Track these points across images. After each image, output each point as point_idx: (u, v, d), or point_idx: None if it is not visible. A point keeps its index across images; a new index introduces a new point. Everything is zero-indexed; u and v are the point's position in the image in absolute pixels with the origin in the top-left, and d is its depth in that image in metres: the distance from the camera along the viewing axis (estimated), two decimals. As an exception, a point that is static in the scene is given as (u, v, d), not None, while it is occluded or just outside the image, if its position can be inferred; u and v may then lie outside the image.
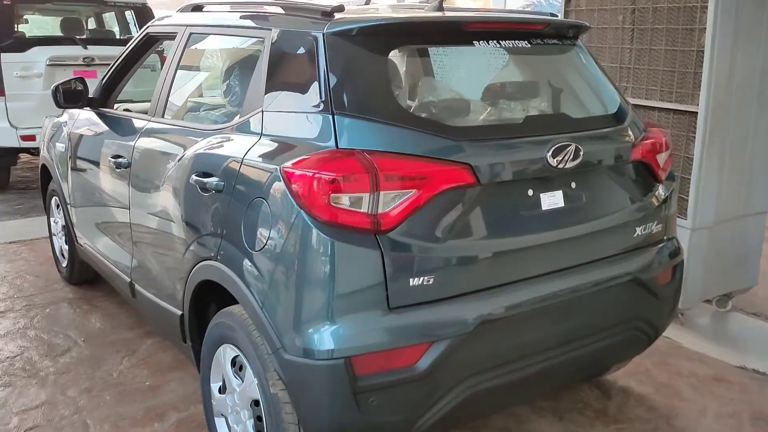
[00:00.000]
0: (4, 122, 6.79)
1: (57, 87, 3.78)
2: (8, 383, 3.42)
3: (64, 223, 4.49)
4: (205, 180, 2.53)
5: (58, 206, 4.58)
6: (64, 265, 4.69)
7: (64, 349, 3.80)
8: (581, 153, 2.44)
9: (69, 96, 3.81)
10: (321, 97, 2.24)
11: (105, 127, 3.73)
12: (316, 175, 2.08)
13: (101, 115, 3.86)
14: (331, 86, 2.23)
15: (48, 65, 6.89)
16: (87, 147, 3.90)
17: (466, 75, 2.67)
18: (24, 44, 6.90)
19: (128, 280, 3.46)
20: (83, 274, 4.56)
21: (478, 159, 2.24)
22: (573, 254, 2.52)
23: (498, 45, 2.53)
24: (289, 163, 2.18)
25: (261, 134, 2.43)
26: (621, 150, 2.65)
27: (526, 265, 2.40)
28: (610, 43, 4.19)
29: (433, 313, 2.18)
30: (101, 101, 3.93)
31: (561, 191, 2.49)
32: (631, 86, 4.08)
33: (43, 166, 4.71)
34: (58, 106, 3.82)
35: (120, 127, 3.59)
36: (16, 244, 5.60)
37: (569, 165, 2.42)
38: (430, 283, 2.17)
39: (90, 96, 3.93)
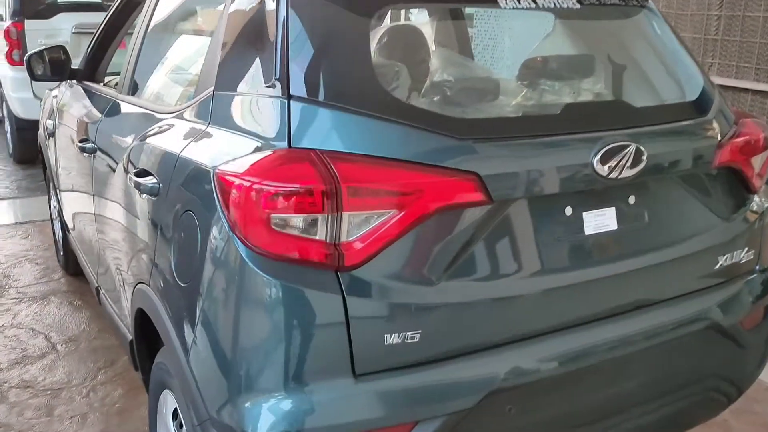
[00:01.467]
0: (28, 93, 6.44)
1: (30, 56, 3.29)
2: (-36, 397, 3.01)
3: (58, 208, 4.07)
4: (141, 180, 1.97)
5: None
6: (61, 253, 4.28)
7: (38, 355, 3.37)
8: (644, 156, 1.75)
9: (46, 67, 3.31)
10: (275, 74, 1.62)
11: (81, 105, 3.22)
12: (254, 186, 1.48)
13: (84, 91, 3.36)
14: (289, 58, 1.61)
15: (74, 33, 6.50)
16: (64, 127, 3.41)
17: (481, 47, 2.01)
18: (49, 11, 6.54)
19: (96, 284, 2.98)
20: (77, 265, 4.14)
21: (490, 166, 1.59)
22: (627, 294, 1.85)
23: (532, 4, 1.85)
24: (223, 166, 1.58)
25: (209, 122, 1.84)
26: (702, 151, 1.93)
27: (559, 312, 1.74)
28: (693, 9, 3.43)
29: (419, 381, 1.56)
30: (86, 74, 3.43)
31: (614, 208, 1.81)
32: (718, 63, 3.32)
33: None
34: (33, 78, 3.33)
35: (92, 105, 3.07)
36: (27, 225, 5.26)
37: (626, 174, 1.73)
38: (415, 340, 1.54)
39: (75, 68, 3.43)
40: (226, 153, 1.65)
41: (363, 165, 1.50)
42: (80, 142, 2.87)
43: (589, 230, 1.77)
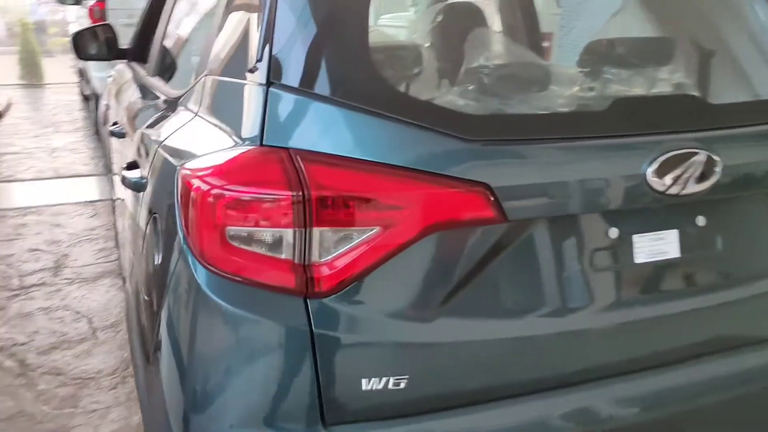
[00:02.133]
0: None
1: (76, 35, 3.19)
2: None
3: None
4: (127, 174, 1.76)
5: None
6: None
7: (76, 340, 3.30)
8: (717, 167, 1.36)
9: (93, 46, 3.20)
10: (258, 56, 1.36)
11: (121, 86, 3.09)
12: (211, 191, 1.22)
13: (130, 71, 3.24)
14: (273, 39, 1.34)
15: (155, 12, 6.52)
16: (111, 107, 3.30)
17: (506, 22, 1.65)
18: (131, -12, 6.57)
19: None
20: (131, 249, 4.08)
21: (504, 175, 1.26)
22: (690, 339, 1.47)
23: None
24: (188, 164, 1.34)
25: (197, 111, 1.61)
26: None
27: (595, 357, 1.40)
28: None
29: None
30: (135, 53, 3.30)
31: (676, 231, 1.43)
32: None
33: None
34: (78, 57, 3.23)
35: (129, 86, 2.93)
36: (97, 204, 5.30)
37: (691, 189, 1.35)
38: (400, 386, 1.25)
39: (124, 47, 3.31)
40: (197, 148, 1.41)
41: (341, 170, 1.21)
42: (112, 125, 2.73)
43: (640, 258, 1.40)
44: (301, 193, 1.18)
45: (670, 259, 1.43)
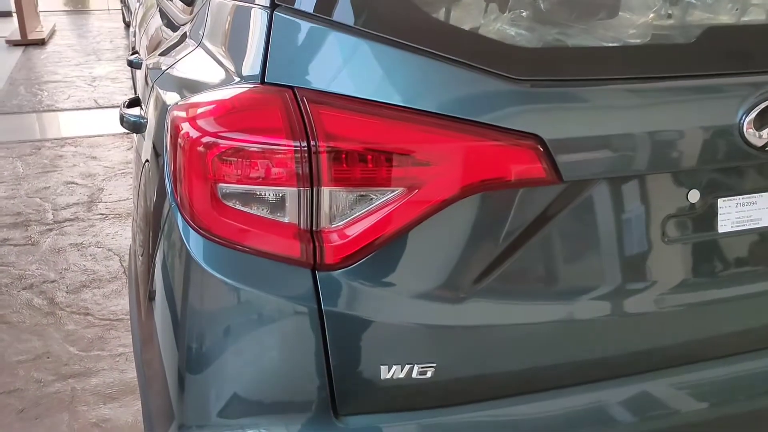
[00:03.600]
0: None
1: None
2: None
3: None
4: (125, 111, 1.56)
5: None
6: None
7: (107, 279, 3.22)
8: (834, 118, 1.09)
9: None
10: (262, -26, 1.11)
11: (150, 10, 2.87)
12: (202, 138, 1.01)
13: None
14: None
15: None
16: (135, 34, 3.10)
17: None
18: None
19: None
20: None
21: (561, 125, 1.02)
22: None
23: None
24: (180, 105, 1.12)
25: (201, 39, 1.38)
26: None
27: (666, 344, 1.17)
28: None
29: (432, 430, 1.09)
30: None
31: (769, 194, 1.17)
32: None
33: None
34: None
35: (154, 9, 2.70)
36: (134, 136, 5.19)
37: (798, 144, 1.09)
38: (427, 376, 1.05)
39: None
40: (193, 85, 1.19)
41: (358, 116, 0.98)
42: (131, 54, 2.53)
43: (726, 226, 1.15)
44: (306, 144, 0.97)
45: (763, 227, 1.18)
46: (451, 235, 1.03)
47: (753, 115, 1.05)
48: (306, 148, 0.97)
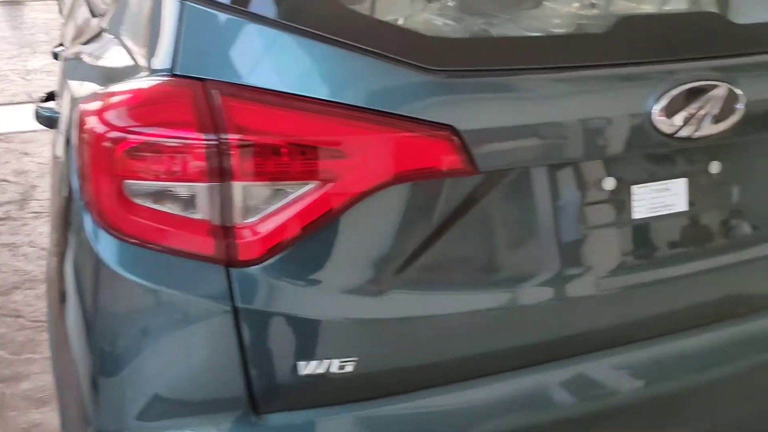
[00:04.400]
0: None
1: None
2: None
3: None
4: (41, 106, 1.50)
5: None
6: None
7: (40, 279, 3.12)
8: (739, 104, 1.12)
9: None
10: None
11: None
12: (108, 133, 0.98)
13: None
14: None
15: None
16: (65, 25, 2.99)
17: None
18: None
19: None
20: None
21: (475, 115, 1.02)
22: (698, 304, 1.26)
23: None
24: (88, 99, 1.08)
25: (115, 32, 1.33)
26: None
27: (584, 327, 1.18)
28: None
29: (358, 425, 1.08)
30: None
31: (684, 180, 1.20)
32: None
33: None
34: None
35: None
36: (71, 130, 5.03)
37: (707, 131, 1.11)
38: (347, 370, 1.04)
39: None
40: (103, 78, 1.15)
41: (269, 108, 0.96)
42: (56, 47, 2.44)
43: (640, 212, 1.17)
44: (216, 138, 0.94)
45: (677, 213, 1.20)
46: (369, 228, 1.02)
47: (663, 102, 1.07)
48: (216, 142, 0.95)
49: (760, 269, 1.29)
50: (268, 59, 1.01)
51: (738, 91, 1.11)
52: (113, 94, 1.02)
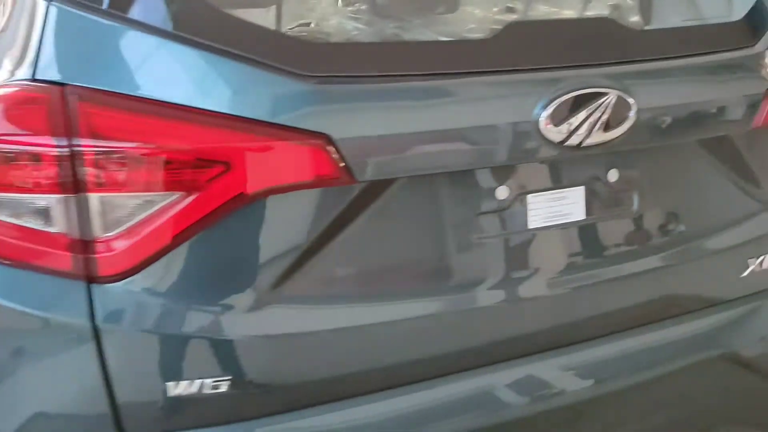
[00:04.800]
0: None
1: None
2: None
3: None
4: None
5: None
6: None
7: None
8: (631, 112, 1.09)
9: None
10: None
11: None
12: None
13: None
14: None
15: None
16: None
17: None
18: None
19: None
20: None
21: (350, 123, 0.98)
22: (600, 315, 1.23)
23: None
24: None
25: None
26: (738, 102, 1.24)
27: (479, 342, 1.14)
28: None
29: None
30: None
31: (581, 189, 1.17)
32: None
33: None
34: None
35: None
36: None
37: (596, 138, 1.08)
38: (220, 390, 0.98)
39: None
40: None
41: (130, 114, 0.91)
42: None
43: (536, 221, 1.14)
44: (71, 146, 0.89)
45: (574, 222, 1.17)
46: (243, 241, 0.98)
47: (550, 110, 1.03)
48: (71, 150, 0.89)
49: (661, 277, 1.27)
50: (137, 64, 0.96)
51: (629, 99, 1.08)
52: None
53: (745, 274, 1.35)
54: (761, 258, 1.36)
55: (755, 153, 1.30)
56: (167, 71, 0.94)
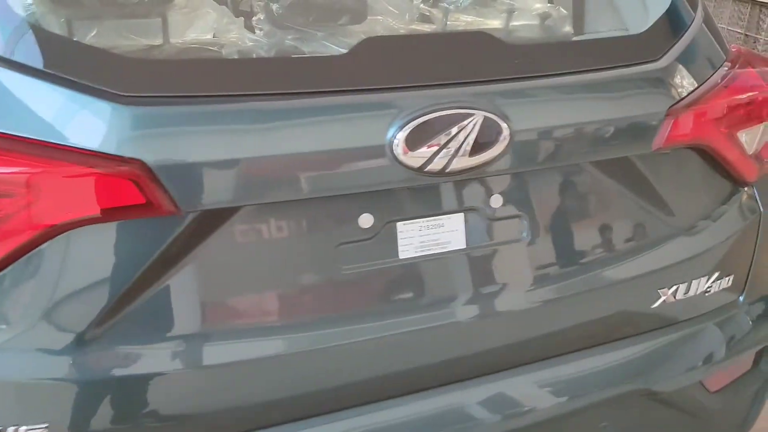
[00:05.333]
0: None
1: None
2: None
3: None
4: None
5: None
6: None
7: None
8: (504, 134, 1.00)
9: None
10: None
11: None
12: None
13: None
14: None
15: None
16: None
17: None
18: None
19: None
20: None
21: (170, 149, 0.89)
22: (485, 351, 1.14)
23: None
24: None
25: None
26: (634, 121, 1.13)
27: (347, 380, 1.06)
28: None
29: None
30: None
31: (461, 215, 1.08)
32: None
33: None
34: None
35: None
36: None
37: (462, 164, 0.98)
38: (39, 437, 0.92)
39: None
40: None
41: None
42: None
43: (407, 252, 1.05)
44: None
45: (454, 251, 1.08)
46: (54, 276, 0.89)
47: (404, 133, 0.95)
48: None
49: (557, 310, 1.17)
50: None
51: (500, 120, 0.99)
52: None
53: (656, 305, 1.26)
54: (674, 288, 1.27)
55: (661, 176, 1.20)
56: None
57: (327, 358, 1.03)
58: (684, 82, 1.18)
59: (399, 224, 1.05)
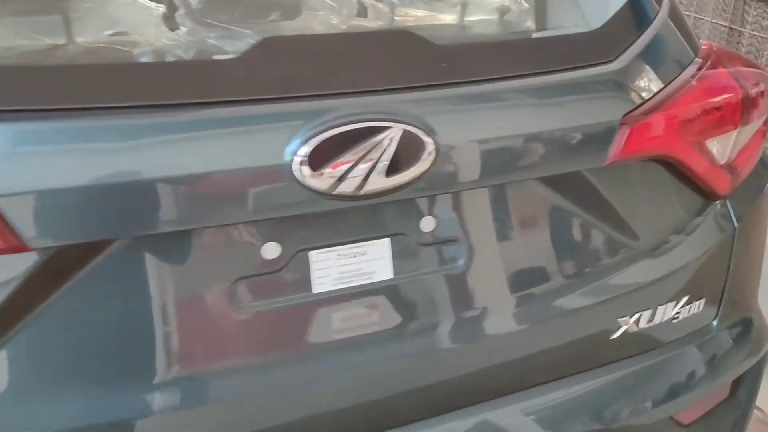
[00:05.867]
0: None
1: None
2: None
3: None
4: None
5: None
6: None
7: None
8: (428, 149, 0.86)
9: None
10: None
11: None
12: None
13: None
14: None
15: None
16: None
17: None
18: None
19: None
20: None
21: (14, 175, 0.74)
22: (422, 392, 1.00)
23: None
24: None
25: None
26: (584, 134, 1.00)
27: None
28: None
29: None
30: None
31: (386, 241, 0.94)
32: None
33: None
34: None
35: None
36: None
37: (377, 185, 0.84)
38: None
39: None
40: None
41: None
42: None
43: (323, 285, 0.91)
44: None
45: (379, 282, 0.95)
46: None
47: (307, 150, 0.81)
48: None
49: (502, 344, 1.04)
50: None
51: (423, 134, 0.85)
52: None
53: (617, 336, 1.12)
54: (636, 316, 1.13)
55: (619, 192, 1.07)
56: None
57: (229, 413, 0.90)
58: (643, 86, 1.04)
59: (312, 253, 0.90)
